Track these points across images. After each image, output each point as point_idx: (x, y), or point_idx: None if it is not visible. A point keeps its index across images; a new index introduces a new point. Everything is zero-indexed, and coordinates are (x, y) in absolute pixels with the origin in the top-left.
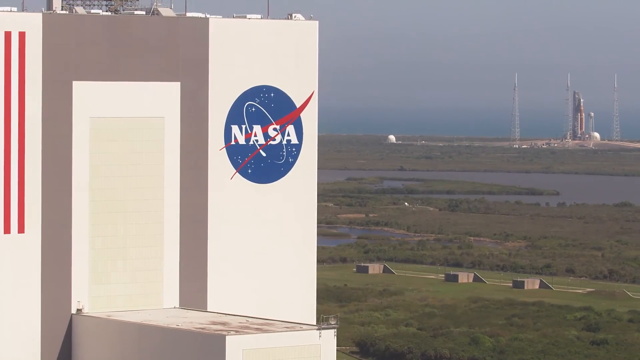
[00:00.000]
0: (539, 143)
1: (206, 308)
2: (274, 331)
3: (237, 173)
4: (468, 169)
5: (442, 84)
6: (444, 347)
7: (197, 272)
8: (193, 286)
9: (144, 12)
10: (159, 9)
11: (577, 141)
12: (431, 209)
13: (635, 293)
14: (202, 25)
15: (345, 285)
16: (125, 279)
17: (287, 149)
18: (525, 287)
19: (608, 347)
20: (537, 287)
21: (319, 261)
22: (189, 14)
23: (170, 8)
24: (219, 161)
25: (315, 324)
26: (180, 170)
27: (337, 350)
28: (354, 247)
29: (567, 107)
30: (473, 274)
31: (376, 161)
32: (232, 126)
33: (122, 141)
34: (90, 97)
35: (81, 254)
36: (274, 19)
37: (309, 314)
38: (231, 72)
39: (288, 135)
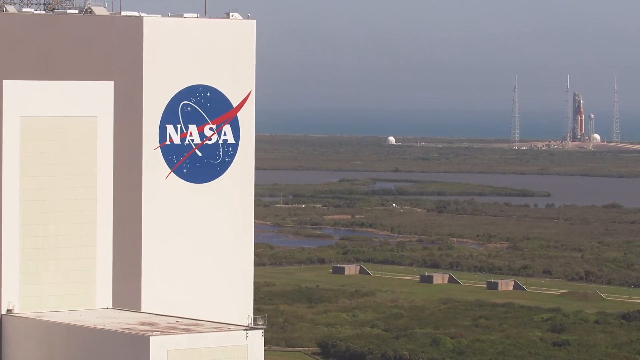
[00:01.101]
0: (539, 145)
1: (140, 308)
2: (200, 331)
3: (172, 173)
4: (463, 171)
5: (444, 85)
6: (404, 348)
7: (130, 273)
8: (126, 286)
9: (77, 11)
10: (93, 7)
11: (576, 143)
12: (419, 210)
13: (608, 294)
14: (136, 24)
15: (317, 286)
16: (57, 279)
17: (223, 148)
18: (499, 289)
19: (569, 348)
20: (511, 288)
21: (296, 262)
22: (123, 13)
23: (104, 7)
24: (153, 161)
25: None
26: (113, 170)
27: (299, 351)
28: (334, 248)
29: (566, 108)
30: (448, 275)
31: (372, 162)
32: (167, 126)
33: (53, 140)
34: (21, 96)
35: (11, 254)
36: (211, 17)
37: (246, 314)
38: (166, 72)
39: (224, 134)
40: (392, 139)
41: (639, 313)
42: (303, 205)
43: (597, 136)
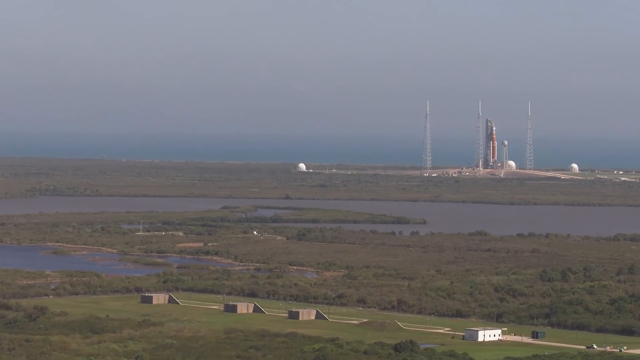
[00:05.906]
0: (450, 172)
1: None
2: None
3: None
4: (355, 198)
5: (366, 111)
6: None
7: None
8: None
9: None
10: None
11: (488, 170)
12: (279, 237)
13: (410, 324)
14: None
15: (107, 316)
16: None
17: None
18: (300, 318)
19: None
20: (313, 317)
21: (112, 291)
22: None
23: None
24: None
25: None
26: None
27: None
28: (159, 276)
29: (478, 135)
30: (253, 305)
31: (269, 189)
32: None
33: None
34: None
35: None
36: None
37: None
38: None
39: None
40: (302, 166)
41: (411, 344)
42: (163, 233)
43: (512, 163)
